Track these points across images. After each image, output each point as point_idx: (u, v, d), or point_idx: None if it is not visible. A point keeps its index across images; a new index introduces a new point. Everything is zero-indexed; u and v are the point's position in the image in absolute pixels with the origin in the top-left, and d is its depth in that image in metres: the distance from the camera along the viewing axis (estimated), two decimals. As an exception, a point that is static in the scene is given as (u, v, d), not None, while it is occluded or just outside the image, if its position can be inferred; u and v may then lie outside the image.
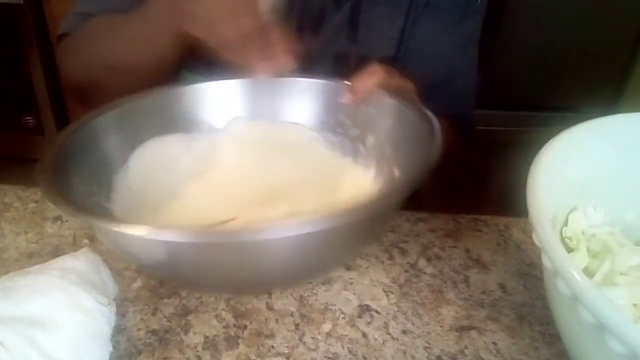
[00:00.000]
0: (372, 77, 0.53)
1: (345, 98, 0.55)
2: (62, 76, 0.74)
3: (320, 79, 0.59)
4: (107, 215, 0.48)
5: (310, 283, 0.52)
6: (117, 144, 0.53)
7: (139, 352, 0.45)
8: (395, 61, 0.70)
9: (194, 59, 0.62)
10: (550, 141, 0.43)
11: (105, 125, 0.52)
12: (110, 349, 0.43)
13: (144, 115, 0.54)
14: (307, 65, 0.71)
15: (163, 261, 0.42)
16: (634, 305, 0.38)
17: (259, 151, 0.58)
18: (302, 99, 0.59)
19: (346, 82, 0.55)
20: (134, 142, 0.54)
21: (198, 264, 0.41)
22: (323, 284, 0.52)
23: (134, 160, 0.54)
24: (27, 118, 1.75)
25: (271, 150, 0.58)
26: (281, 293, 0.51)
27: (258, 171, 0.57)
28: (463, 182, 1.56)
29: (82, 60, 0.68)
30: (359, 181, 0.56)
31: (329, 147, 0.59)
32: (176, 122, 0.57)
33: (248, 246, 0.38)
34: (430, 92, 0.60)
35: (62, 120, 1.74)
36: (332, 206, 0.52)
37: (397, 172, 0.53)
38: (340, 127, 0.58)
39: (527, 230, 0.54)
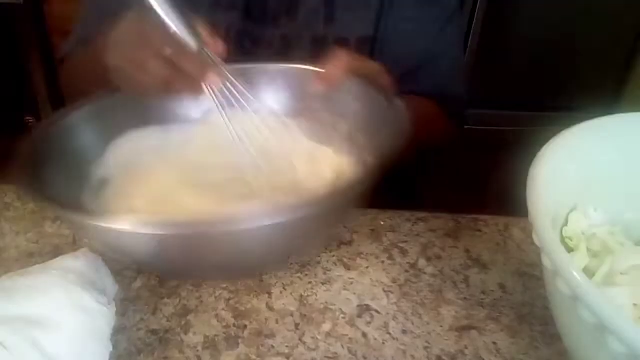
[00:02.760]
0: (340, 64, 0.54)
1: (316, 86, 0.55)
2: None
3: (291, 64, 0.59)
4: (86, 210, 0.49)
5: (310, 283, 0.52)
6: (93, 138, 0.54)
7: (139, 352, 0.45)
8: (374, 42, 0.70)
9: None
10: (551, 141, 0.43)
11: (81, 120, 0.53)
12: (110, 348, 0.43)
13: (119, 109, 0.55)
14: (285, 50, 0.71)
15: (142, 252, 0.43)
16: (634, 305, 0.38)
17: (237, 141, 0.59)
18: (274, 86, 0.59)
19: (316, 69, 0.55)
20: (110, 135, 0.55)
21: (172, 254, 0.43)
22: (323, 283, 0.52)
23: (110, 153, 0.54)
24: (27, 118, 1.75)
25: (245, 138, 0.59)
26: (281, 293, 0.51)
27: (232, 161, 0.57)
28: (463, 182, 1.56)
29: (72, 88, 0.69)
30: (333, 167, 0.56)
31: (302, 134, 0.59)
32: (152, 115, 0.57)
33: (221, 236, 0.39)
34: (413, 72, 0.60)
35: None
36: (304, 191, 0.53)
37: (368, 157, 0.53)
38: (312, 113, 0.58)
39: (527, 230, 0.54)
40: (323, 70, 0.54)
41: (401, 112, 0.48)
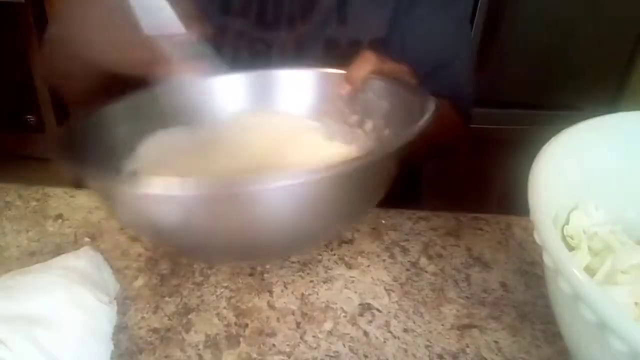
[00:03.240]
0: (366, 65, 0.54)
1: (343, 88, 0.56)
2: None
3: (318, 68, 0.60)
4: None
5: (311, 281, 0.52)
6: (124, 135, 0.54)
7: (140, 351, 0.45)
8: (387, 43, 0.70)
9: None
10: (552, 140, 0.43)
11: (114, 116, 0.53)
12: (112, 347, 0.43)
13: (151, 108, 0.55)
14: (298, 53, 0.71)
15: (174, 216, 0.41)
16: (636, 303, 0.38)
17: (264, 142, 0.59)
18: (302, 90, 0.60)
19: (342, 71, 0.56)
20: (141, 133, 0.55)
21: (201, 218, 0.41)
22: (324, 282, 0.52)
23: (140, 149, 0.54)
24: (28, 116, 1.75)
25: (275, 141, 0.59)
26: (282, 291, 0.51)
27: (261, 160, 0.58)
28: (464, 181, 1.56)
29: (50, 70, 0.69)
30: None
31: (329, 135, 0.59)
32: (182, 115, 0.58)
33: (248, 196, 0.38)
34: (427, 73, 0.59)
35: (63, 118, 1.74)
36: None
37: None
38: (339, 115, 0.59)
39: (529, 228, 0.54)
40: (347, 72, 0.55)
41: (428, 103, 0.47)
